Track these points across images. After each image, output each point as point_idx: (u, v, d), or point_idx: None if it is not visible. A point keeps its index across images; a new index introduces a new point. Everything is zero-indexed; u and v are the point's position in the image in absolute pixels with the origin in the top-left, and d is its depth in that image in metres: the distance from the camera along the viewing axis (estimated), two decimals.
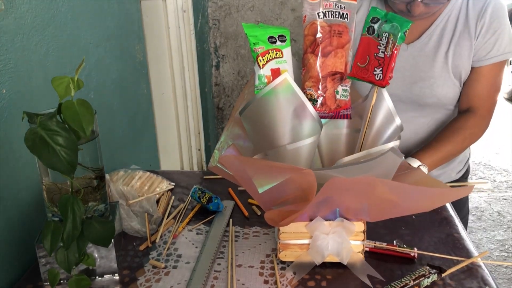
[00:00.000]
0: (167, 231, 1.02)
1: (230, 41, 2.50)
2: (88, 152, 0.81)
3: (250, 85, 0.89)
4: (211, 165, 0.91)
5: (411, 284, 0.80)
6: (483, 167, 3.24)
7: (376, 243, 0.92)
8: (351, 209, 0.84)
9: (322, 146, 0.91)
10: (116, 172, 1.17)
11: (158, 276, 0.87)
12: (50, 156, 0.67)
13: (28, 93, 0.92)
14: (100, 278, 0.87)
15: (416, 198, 0.81)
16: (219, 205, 1.07)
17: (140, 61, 1.62)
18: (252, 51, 0.80)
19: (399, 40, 0.79)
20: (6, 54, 0.85)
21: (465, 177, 1.40)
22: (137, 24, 1.59)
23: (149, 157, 1.77)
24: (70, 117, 0.69)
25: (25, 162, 0.90)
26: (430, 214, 1.06)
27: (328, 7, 0.82)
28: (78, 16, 1.12)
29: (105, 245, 0.79)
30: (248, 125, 0.86)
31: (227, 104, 2.64)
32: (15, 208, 0.89)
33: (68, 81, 0.69)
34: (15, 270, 0.89)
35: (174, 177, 1.25)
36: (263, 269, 0.88)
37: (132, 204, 1.05)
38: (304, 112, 0.82)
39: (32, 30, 0.93)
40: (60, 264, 0.76)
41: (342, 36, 0.83)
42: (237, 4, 2.43)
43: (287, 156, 0.81)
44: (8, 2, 0.86)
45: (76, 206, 0.73)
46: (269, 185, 0.74)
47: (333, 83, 0.85)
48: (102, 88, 1.29)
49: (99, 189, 0.84)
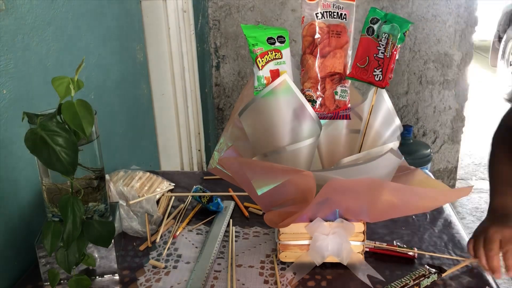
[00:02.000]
0: (167, 231, 1.02)
1: (230, 41, 2.50)
2: (88, 152, 0.81)
3: (249, 86, 0.89)
4: (210, 166, 0.91)
5: (411, 284, 0.80)
6: (483, 168, 3.23)
7: (376, 244, 0.92)
8: (351, 210, 0.84)
9: (321, 147, 0.91)
10: (116, 172, 1.17)
11: (158, 276, 0.87)
12: (50, 156, 0.67)
13: (28, 93, 0.92)
14: (100, 278, 0.87)
15: (416, 199, 0.81)
16: (219, 205, 1.07)
17: (140, 62, 1.62)
18: (251, 52, 0.80)
19: (398, 41, 0.79)
20: (7, 54, 0.85)
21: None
22: (137, 25, 1.59)
23: (149, 157, 1.77)
24: (70, 118, 0.69)
25: (25, 162, 0.90)
26: (430, 214, 1.06)
27: (326, 8, 0.82)
28: (78, 16, 1.12)
29: (105, 246, 0.79)
30: (247, 127, 0.86)
31: (227, 104, 2.64)
32: (15, 208, 0.89)
33: (68, 82, 0.69)
34: (15, 270, 0.89)
35: (174, 177, 1.25)
36: (263, 269, 0.89)
37: (132, 205, 1.05)
38: (303, 113, 0.81)
39: (33, 30, 0.94)
40: (60, 264, 0.76)
41: (341, 37, 0.83)
42: (237, 5, 2.43)
43: (287, 157, 0.81)
44: (9, 2, 0.86)
45: (76, 206, 0.73)
46: (268, 186, 0.74)
47: (332, 84, 0.85)
48: (102, 89, 1.29)
49: (99, 190, 0.84)
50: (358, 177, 0.75)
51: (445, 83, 2.55)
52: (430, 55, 2.49)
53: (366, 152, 0.83)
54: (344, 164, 0.81)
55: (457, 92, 2.57)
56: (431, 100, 2.58)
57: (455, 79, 2.54)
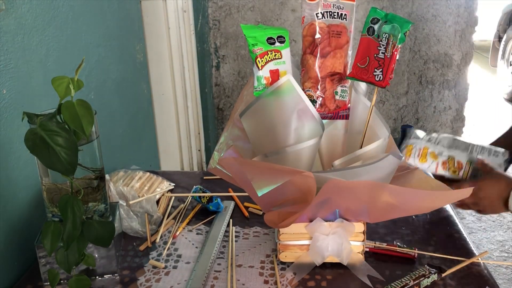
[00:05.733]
0: (167, 231, 1.02)
1: (230, 41, 2.50)
2: (88, 152, 0.81)
3: (249, 86, 0.89)
4: (210, 166, 0.91)
5: (411, 284, 0.80)
6: None
7: (376, 244, 0.92)
8: (351, 211, 0.84)
9: (321, 147, 0.91)
10: (116, 172, 1.17)
11: (158, 276, 0.87)
12: (50, 156, 0.67)
13: (28, 93, 0.92)
14: (100, 278, 0.87)
15: (416, 200, 0.81)
16: (219, 205, 1.07)
17: (140, 61, 1.62)
18: (251, 52, 0.80)
19: (399, 41, 0.79)
20: (7, 54, 0.85)
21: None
22: (137, 24, 1.59)
23: (149, 157, 1.77)
24: (70, 118, 0.69)
25: (25, 162, 0.90)
26: (430, 214, 1.06)
27: (326, 8, 0.82)
28: (78, 16, 1.12)
29: (105, 246, 0.79)
30: (248, 127, 0.86)
31: (227, 104, 2.64)
32: (15, 208, 0.89)
33: (68, 81, 0.69)
34: (15, 270, 0.89)
35: (174, 177, 1.25)
36: (263, 269, 0.88)
37: (132, 205, 1.05)
38: (306, 114, 0.81)
39: (33, 30, 0.94)
40: (60, 264, 0.76)
41: (341, 37, 0.83)
42: (237, 5, 2.43)
43: (289, 158, 0.81)
44: (9, 2, 0.86)
45: (76, 206, 0.73)
46: (268, 187, 0.74)
47: (332, 84, 0.85)
48: (102, 89, 1.29)
49: (99, 190, 0.84)
50: (358, 179, 0.75)
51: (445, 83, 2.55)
52: (430, 55, 2.49)
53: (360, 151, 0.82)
54: (339, 164, 0.81)
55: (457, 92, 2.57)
56: (431, 100, 2.58)
57: (455, 79, 2.55)
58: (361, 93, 0.87)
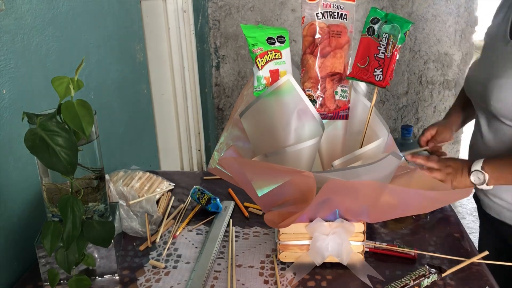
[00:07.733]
0: (167, 231, 1.02)
1: (230, 41, 2.50)
2: (88, 152, 0.81)
3: (249, 86, 0.89)
4: (210, 166, 0.91)
5: (411, 284, 0.80)
6: None
7: (376, 244, 0.92)
8: (351, 210, 0.84)
9: (321, 147, 0.91)
10: (116, 172, 1.17)
11: (158, 276, 0.87)
12: (50, 156, 0.67)
13: (28, 93, 0.92)
14: (100, 278, 0.87)
15: (416, 200, 0.81)
16: (218, 206, 1.07)
17: (140, 61, 1.62)
18: (251, 52, 0.80)
19: (399, 41, 0.79)
20: (7, 54, 0.85)
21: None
22: (137, 24, 1.59)
23: (149, 157, 1.77)
24: (70, 118, 0.69)
25: (25, 162, 0.90)
26: (430, 214, 1.06)
27: (326, 8, 0.82)
28: (78, 16, 1.12)
29: (105, 246, 0.79)
30: (248, 127, 0.86)
31: (227, 104, 2.64)
32: (15, 208, 0.89)
33: (68, 82, 0.69)
34: (15, 270, 0.89)
35: (174, 177, 1.25)
36: (263, 269, 0.88)
37: (132, 205, 1.05)
38: (306, 114, 0.81)
39: (33, 30, 0.94)
40: (60, 264, 0.76)
41: (341, 37, 0.83)
42: (237, 5, 2.43)
43: (289, 158, 0.81)
44: (9, 2, 0.86)
45: (76, 206, 0.73)
46: (268, 187, 0.74)
47: (332, 84, 0.85)
48: (102, 89, 1.29)
49: (99, 190, 0.84)
50: (358, 179, 0.75)
51: (445, 83, 2.55)
52: (430, 55, 2.49)
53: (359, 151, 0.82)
54: (339, 164, 0.81)
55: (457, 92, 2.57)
56: (431, 100, 2.58)
57: (455, 79, 2.54)
58: (361, 93, 0.87)
